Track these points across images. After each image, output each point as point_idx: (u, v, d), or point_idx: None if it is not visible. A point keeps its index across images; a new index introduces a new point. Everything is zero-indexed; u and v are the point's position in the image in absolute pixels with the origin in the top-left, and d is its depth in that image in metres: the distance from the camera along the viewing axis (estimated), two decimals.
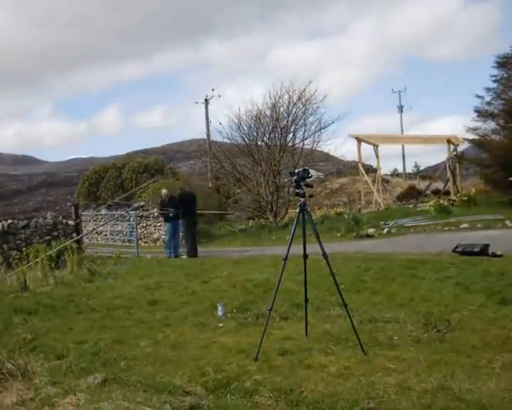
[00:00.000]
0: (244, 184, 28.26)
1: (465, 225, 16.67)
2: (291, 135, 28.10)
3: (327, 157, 32.81)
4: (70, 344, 5.67)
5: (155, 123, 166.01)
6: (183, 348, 5.40)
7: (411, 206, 25.91)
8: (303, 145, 28.43)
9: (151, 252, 18.58)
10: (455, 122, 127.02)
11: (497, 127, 21.77)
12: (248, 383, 4.19)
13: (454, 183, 26.70)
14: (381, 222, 19.90)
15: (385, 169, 60.39)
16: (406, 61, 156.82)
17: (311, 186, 5.80)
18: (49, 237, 15.37)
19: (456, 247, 10.92)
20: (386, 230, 18.22)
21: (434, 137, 32.54)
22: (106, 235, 26.58)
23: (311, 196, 5.63)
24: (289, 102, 27.55)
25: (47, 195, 65.99)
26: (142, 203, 25.27)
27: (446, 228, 16.87)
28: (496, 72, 21.70)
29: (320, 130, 27.86)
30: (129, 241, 23.78)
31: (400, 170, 59.56)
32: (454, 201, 21.66)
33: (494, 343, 4.90)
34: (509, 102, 20.72)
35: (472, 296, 6.94)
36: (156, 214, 25.08)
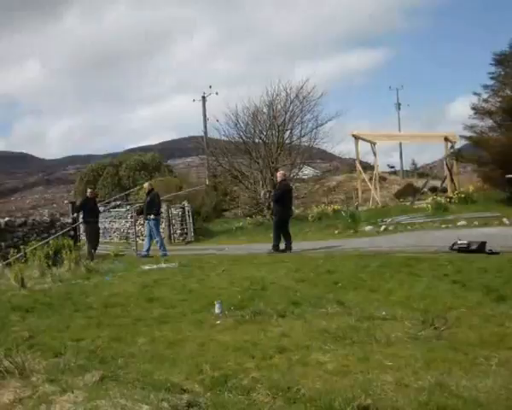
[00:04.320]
0: (241, 182, 28.28)
1: (462, 223, 16.71)
2: (288, 132, 28.15)
3: (324, 154, 32.84)
4: (67, 342, 5.66)
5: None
6: (181, 346, 5.39)
7: (409, 203, 25.94)
8: (300, 143, 28.46)
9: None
10: None
11: (495, 125, 21.78)
12: (246, 380, 4.20)
13: (451, 180, 26.71)
14: (379, 219, 19.92)
15: (382, 166, 60.36)
16: None
17: None
18: (46, 235, 15.37)
19: (454, 244, 10.93)
20: (383, 227, 18.24)
21: (432, 135, 32.58)
22: (103, 232, 26.56)
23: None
24: (286, 99, 27.58)
25: (44, 192, 65.81)
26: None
27: (443, 225, 16.90)
28: (493, 69, 21.73)
29: (317, 127, 27.91)
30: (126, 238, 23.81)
31: (398, 167, 59.61)
32: (451, 198, 21.70)
33: (491, 341, 4.91)
34: (507, 100, 20.72)
35: (469, 294, 6.95)
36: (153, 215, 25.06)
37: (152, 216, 15.25)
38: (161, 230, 24.53)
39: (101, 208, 26.40)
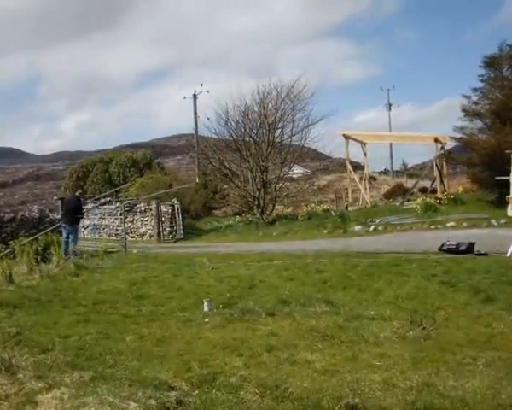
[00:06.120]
0: (231, 180, 28.19)
1: (451, 224, 16.79)
2: (279, 131, 28.05)
3: (315, 154, 32.86)
4: (55, 338, 5.63)
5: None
6: (169, 344, 5.39)
7: (398, 204, 26.03)
8: (291, 141, 28.41)
9: (137, 247, 18.52)
10: None
11: (484, 127, 21.95)
12: (234, 378, 4.19)
13: (441, 181, 26.82)
14: (368, 219, 19.97)
15: (373, 167, 60.50)
16: None
17: None
18: (35, 231, 15.26)
19: (442, 245, 11.00)
20: (372, 227, 18.29)
21: (422, 136, 32.67)
22: (92, 229, 26.45)
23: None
24: (277, 98, 27.50)
25: (33, 188, 65.35)
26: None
27: (433, 226, 16.99)
28: (483, 72, 21.90)
29: (308, 126, 27.86)
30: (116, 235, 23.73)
31: (388, 168, 59.83)
32: (441, 199, 21.80)
33: (478, 341, 4.95)
34: (496, 102, 20.87)
35: (457, 294, 7.00)
36: (143, 209, 25.01)
37: None
38: (151, 226, 24.57)
39: (90, 205, 26.37)
